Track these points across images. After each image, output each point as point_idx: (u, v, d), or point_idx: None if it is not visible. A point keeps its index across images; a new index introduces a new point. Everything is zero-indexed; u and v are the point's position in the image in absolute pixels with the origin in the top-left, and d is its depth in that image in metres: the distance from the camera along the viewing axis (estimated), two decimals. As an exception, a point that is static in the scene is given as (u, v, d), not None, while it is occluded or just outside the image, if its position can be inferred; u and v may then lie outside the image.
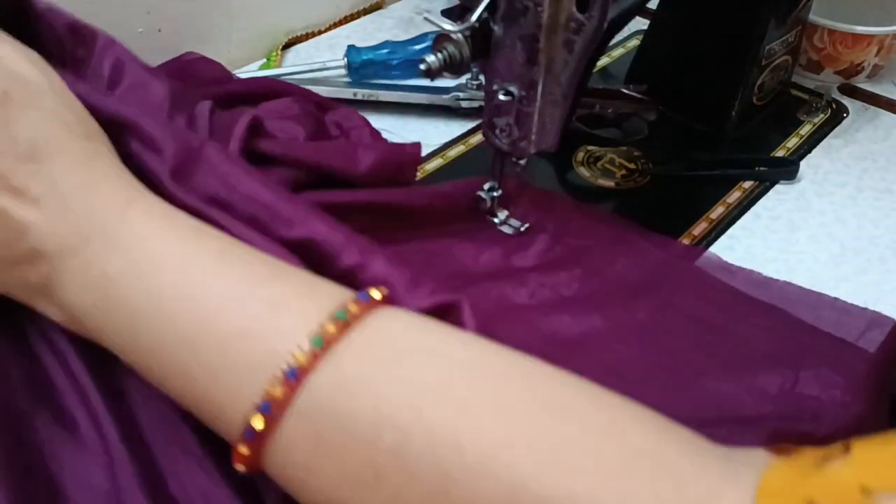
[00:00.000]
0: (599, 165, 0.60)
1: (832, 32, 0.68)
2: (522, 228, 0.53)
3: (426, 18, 0.46)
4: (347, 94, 0.63)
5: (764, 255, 0.53)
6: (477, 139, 0.62)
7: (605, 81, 0.70)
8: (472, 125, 0.63)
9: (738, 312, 0.48)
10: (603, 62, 0.72)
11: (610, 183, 0.59)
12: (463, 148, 0.61)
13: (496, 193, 0.52)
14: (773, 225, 0.56)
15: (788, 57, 0.66)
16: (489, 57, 0.45)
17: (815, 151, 0.63)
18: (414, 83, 0.66)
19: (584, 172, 0.60)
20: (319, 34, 0.75)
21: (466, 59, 0.44)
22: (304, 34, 0.74)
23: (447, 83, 0.59)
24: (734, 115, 0.63)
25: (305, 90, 0.57)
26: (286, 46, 0.72)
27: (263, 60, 0.70)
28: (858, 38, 0.67)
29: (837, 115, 0.67)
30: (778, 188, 0.60)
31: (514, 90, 0.45)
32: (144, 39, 0.62)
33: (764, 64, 0.63)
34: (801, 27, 0.65)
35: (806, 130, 0.66)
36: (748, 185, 0.59)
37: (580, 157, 0.61)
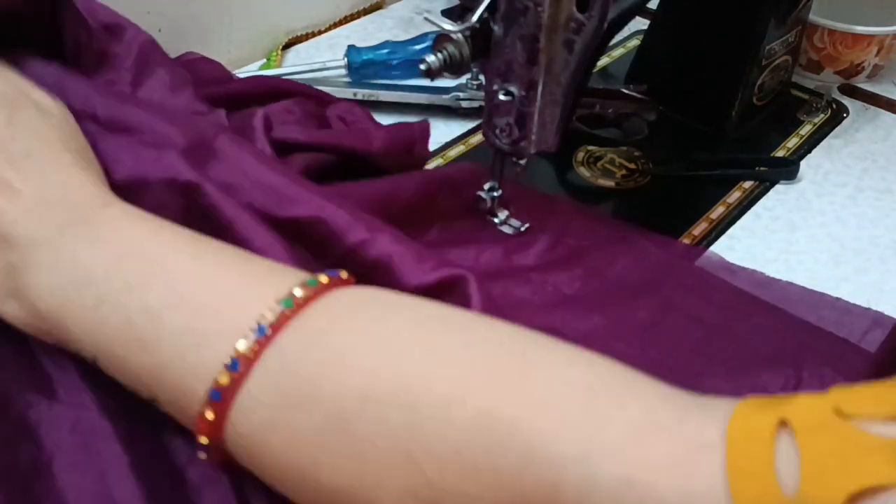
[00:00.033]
0: (599, 165, 0.60)
1: (832, 32, 0.68)
2: (522, 228, 0.53)
3: (426, 18, 0.46)
4: (347, 94, 0.63)
5: (764, 255, 0.53)
6: (477, 139, 0.62)
7: (605, 81, 0.70)
8: (472, 125, 0.64)
9: (739, 312, 0.48)
10: (603, 62, 0.72)
11: (610, 183, 0.59)
12: (463, 148, 0.61)
13: (496, 193, 0.52)
14: (773, 225, 0.56)
15: (788, 57, 0.66)
16: (489, 57, 0.45)
17: (815, 151, 0.63)
18: (414, 83, 0.66)
19: (584, 172, 0.60)
20: (319, 34, 0.75)
21: (466, 59, 0.44)
22: (304, 34, 0.74)
23: (447, 83, 0.59)
24: (734, 115, 0.63)
25: (306, 87, 0.57)
26: (286, 46, 0.72)
27: (263, 60, 0.70)
28: (858, 38, 0.67)
29: (837, 115, 0.67)
30: (778, 188, 0.60)
31: (514, 90, 0.45)
32: (144, 39, 0.62)
33: (764, 64, 0.63)
34: (801, 27, 0.65)
35: (806, 130, 0.66)
36: (748, 185, 0.59)
37: (580, 157, 0.61)
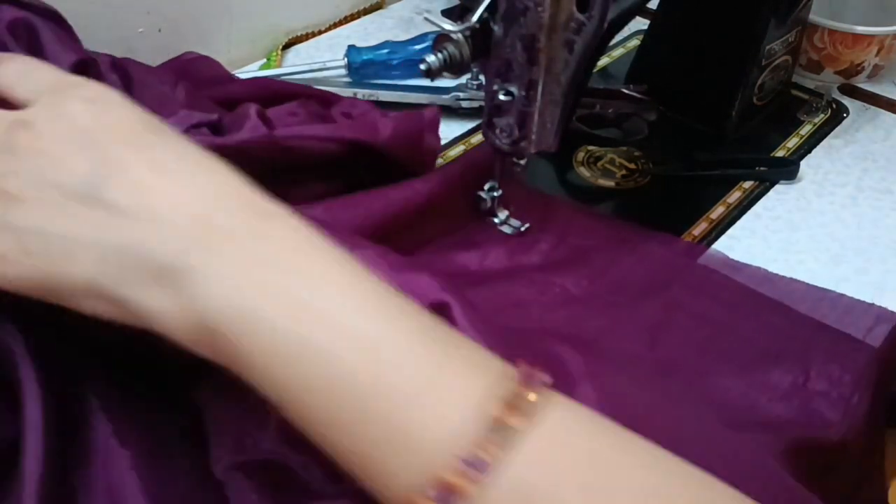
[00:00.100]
0: (599, 165, 0.60)
1: (832, 32, 0.68)
2: (523, 228, 0.53)
3: (426, 18, 0.46)
4: (347, 94, 0.63)
5: (764, 254, 0.53)
6: (477, 139, 0.62)
7: (605, 81, 0.70)
8: (472, 125, 0.64)
9: (745, 310, 0.48)
10: (603, 62, 0.73)
11: (610, 183, 0.59)
12: (463, 148, 0.61)
13: (496, 193, 0.52)
14: (773, 225, 0.56)
15: (788, 57, 0.66)
16: (489, 57, 0.45)
17: (815, 151, 0.63)
18: (414, 83, 0.66)
19: (584, 172, 0.60)
20: (319, 34, 0.75)
21: (466, 59, 0.44)
22: (304, 34, 0.74)
23: (447, 83, 0.59)
24: (734, 115, 0.63)
25: (307, 87, 0.57)
26: (286, 46, 0.72)
27: (263, 60, 0.70)
28: (858, 38, 0.67)
29: (837, 115, 0.67)
30: (778, 188, 0.60)
31: (514, 90, 0.45)
32: (144, 39, 0.62)
33: (764, 64, 0.63)
34: (801, 27, 0.65)
35: (806, 130, 0.66)
36: (748, 185, 0.59)
37: (580, 157, 0.61)
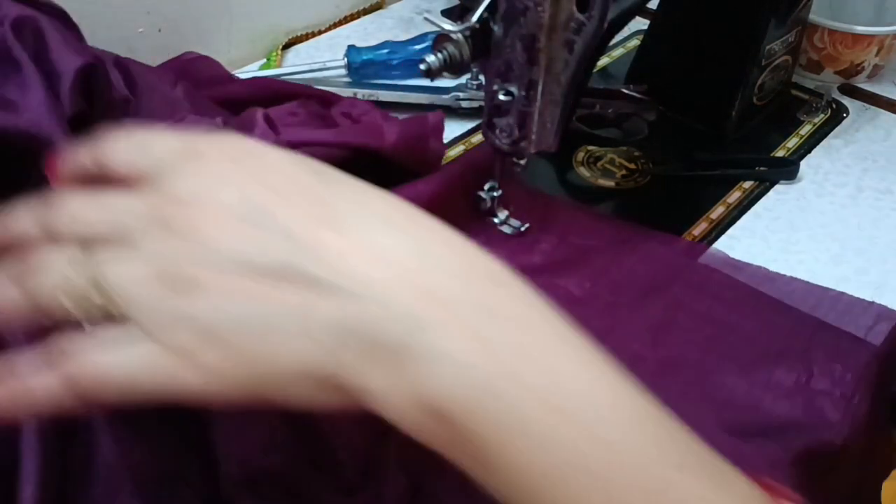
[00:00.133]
0: (599, 165, 0.60)
1: (832, 32, 0.68)
2: (522, 228, 0.53)
3: (426, 18, 0.46)
4: (347, 94, 0.63)
5: (764, 254, 0.53)
6: (477, 139, 0.62)
7: (605, 81, 0.70)
8: (472, 125, 0.64)
9: (747, 309, 0.48)
10: (603, 62, 0.72)
11: (610, 183, 0.59)
12: (463, 148, 0.61)
13: (496, 193, 0.52)
14: (773, 225, 0.56)
15: (788, 57, 0.66)
16: (489, 57, 0.45)
17: (815, 151, 0.63)
18: (414, 83, 0.66)
19: (584, 172, 0.60)
20: (319, 34, 0.75)
21: (466, 59, 0.44)
22: (304, 34, 0.74)
23: (447, 83, 0.58)
24: (734, 115, 0.63)
25: (307, 87, 0.57)
26: (286, 46, 0.72)
27: (263, 60, 0.70)
28: (858, 38, 0.67)
29: (837, 115, 0.67)
30: (778, 188, 0.60)
31: (514, 90, 0.45)
32: (144, 39, 0.62)
33: (764, 64, 0.63)
34: (801, 27, 0.65)
35: (806, 130, 0.66)
36: (748, 185, 0.59)
37: (580, 157, 0.61)
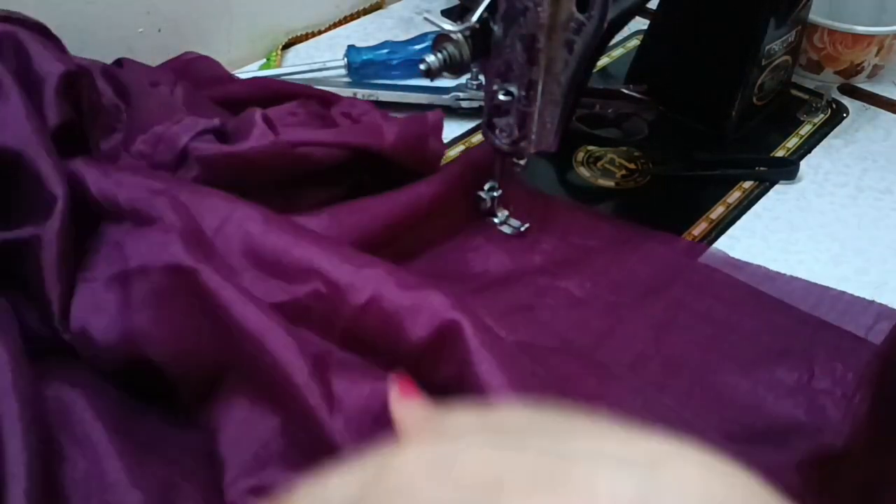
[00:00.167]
0: (599, 165, 0.60)
1: (832, 32, 0.68)
2: (522, 228, 0.53)
3: (426, 18, 0.46)
4: (347, 94, 0.63)
5: (764, 254, 0.53)
6: (477, 139, 0.62)
7: (605, 81, 0.70)
8: (472, 125, 0.64)
9: (747, 308, 0.48)
10: (603, 62, 0.72)
11: (610, 183, 0.59)
12: (463, 148, 0.61)
13: (496, 193, 0.52)
14: (773, 225, 0.56)
15: (788, 57, 0.66)
16: (489, 57, 0.45)
17: (815, 151, 0.63)
18: (414, 83, 0.66)
19: (584, 172, 0.60)
20: (319, 34, 0.75)
21: (466, 59, 0.44)
22: (304, 34, 0.74)
23: (447, 83, 0.58)
24: (734, 115, 0.63)
25: (307, 87, 0.57)
26: (286, 46, 0.72)
27: (263, 60, 0.70)
28: (858, 38, 0.67)
29: (837, 115, 0.67)
30: (778, 188, 0.60)
31: (514, 90, 0.45)
32: (144, 39, 0.62)
33: (764, 64, 0.63)
34: (801, 27, 0.65)
35: (806, 130, 0.66)
36: (748, 185, 0.59)
37: (580, 157, 0.61)
